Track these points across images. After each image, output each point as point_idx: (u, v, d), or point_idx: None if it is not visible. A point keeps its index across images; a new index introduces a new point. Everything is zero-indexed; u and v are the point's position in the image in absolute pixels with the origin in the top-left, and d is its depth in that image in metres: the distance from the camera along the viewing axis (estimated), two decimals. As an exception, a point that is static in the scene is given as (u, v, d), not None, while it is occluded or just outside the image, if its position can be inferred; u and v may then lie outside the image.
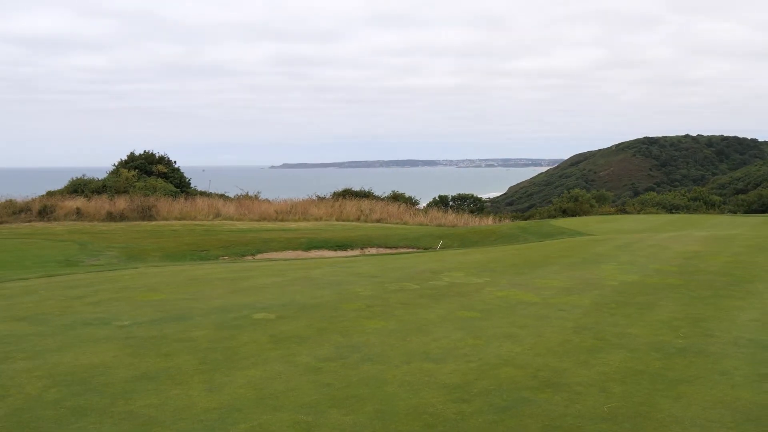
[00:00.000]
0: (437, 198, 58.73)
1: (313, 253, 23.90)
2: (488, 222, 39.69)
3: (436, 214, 43.17)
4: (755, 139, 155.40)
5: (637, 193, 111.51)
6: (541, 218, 41.49)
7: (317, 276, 10.89)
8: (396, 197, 46.31)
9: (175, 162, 40.30)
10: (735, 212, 54.08)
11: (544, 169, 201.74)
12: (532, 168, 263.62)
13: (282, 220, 35.88)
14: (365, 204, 40.04)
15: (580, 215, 46.84)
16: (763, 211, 56.30)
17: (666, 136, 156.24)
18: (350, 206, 39.25)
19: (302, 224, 34.09)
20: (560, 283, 9.91)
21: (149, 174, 37.94)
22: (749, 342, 6.71)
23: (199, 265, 15.50)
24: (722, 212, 51.08)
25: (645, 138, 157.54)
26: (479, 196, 61.24)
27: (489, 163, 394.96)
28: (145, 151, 39.17)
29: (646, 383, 5.50)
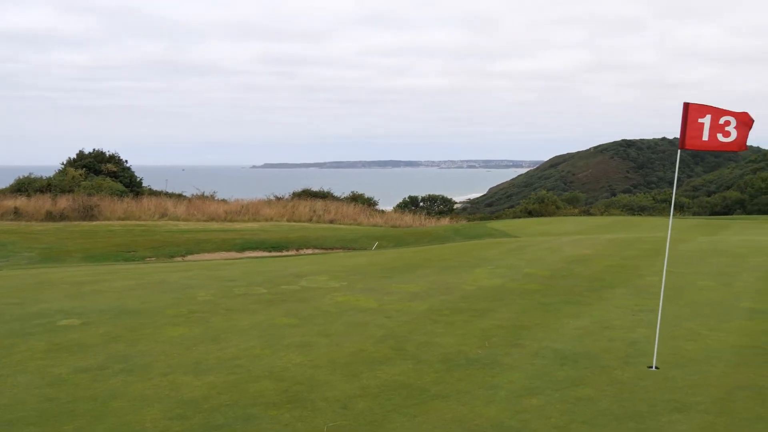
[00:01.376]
0: (407, 199, 58.41)
1: (246, 254, 23.44)
2: (444, 223, 39.38)
3: (393, 215, 42.87)
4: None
5: (614, 195, 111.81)
6: (508, 219, 41.25)
7: (173, 280, 10.48)
8: (355, 198, 45.92)
9: (126, 161, 39.66)
10: (699, 214, 54.24)
11: (525, 170, 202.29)
12: (513, 169, 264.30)
13: (231, 221, 35.34)
14: (319, 205, 39.60)
15: (545, 216, 46.75)
16: (726, 213, 56.48)
17: (643, 139, 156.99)
18: (303, 207, 38.82)
19: (249, 225, 33.58)
20: (415, 288, 9.56)
21: (98, 173, 37.28)
22: (553, 352, 6.39)
23: (93, 267, 15.05)
24: (684, 215, 51.14)
25: (623, 140, 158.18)
26: (450, 197, 60.89)
27: (471, 164, 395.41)
28: (94, 150, 38.53)
29: (398, 398, 5.15)
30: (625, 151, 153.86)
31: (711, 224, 24.56)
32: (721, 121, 5.64)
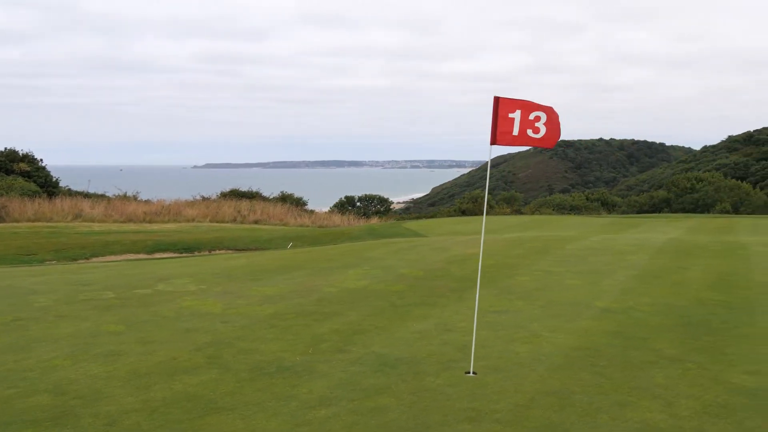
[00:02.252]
0: (344, 199, 57.94)
1: (156, 256, 22.61)
2: (374, 222, 39.10)
3: (322, 215, 42.40)
4: (663, 144, 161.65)
5: (552, 194, 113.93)
6: (442, 218, 41.28)
7: (23, 285, 9.83)
8: (284, 198, 45.26)
9: (41, 160, 38.06)
10: (627, 213, 55.50)
11: (468, 170, 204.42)
12: (456, 169, 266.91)
13: (150, 222, 34.25)
14: (244, 205, 38.84)
15: (478, 215, 46.99)
16: (653, 212, 57.94)
17: (581, 140, 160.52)
18: (227, 207, 37.99)
19: (167, 226, 32.59)
20: (275, 291, 9.18)
21: (9, 172, 35.64)
22: (376, 358, 6.10)
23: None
24: (607, 213, 52.21)
25: (562, 141, 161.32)
26: (387, 197, 60.60)
27: (414, 165, 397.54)
28: (6, 148, 36.82)
29: (178, 412, 4.76)
30: (563, 151, 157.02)
31: (622, 222, 24.95)
32: (531, 116, 5.45)
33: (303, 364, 5.89)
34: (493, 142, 5.60)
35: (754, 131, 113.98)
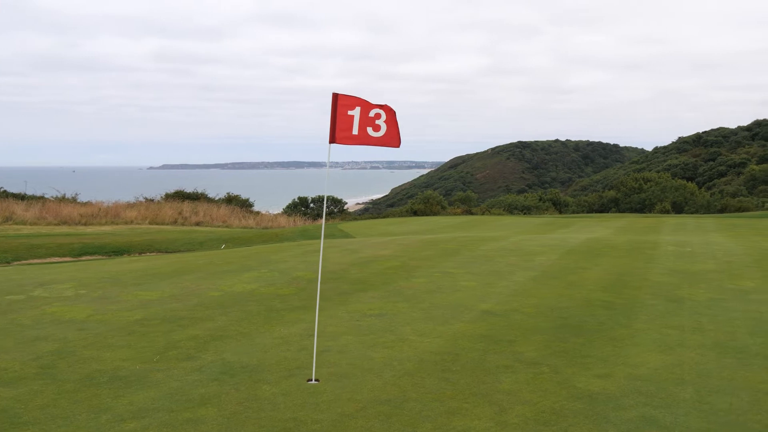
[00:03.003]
0: (297, 200, 57.39)
1: (83, 259, 21.94)
2: (318, 223, 38.71)
3: (267, 216, 41.92)
4: (617, 145, 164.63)
5: (510, 194, 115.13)
6: (394, 218, 41.14)
7: None
8: (230, 200, 44.60)
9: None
10: (577, 212, 56.20)
11: (427, 171, 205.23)
12: (415, 170, 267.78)
13: (85, 224, 33.38)
14: (186, 206, 38.14)
15: (429, 215, 47.06)
16: (602, 211, 58.78)
17: (538, 141, 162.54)
18: (168, 209, 37.25)
19: (103, 228, 31.80)
20: (155, 296, 8.85)
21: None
22: (222, 366, 5.83)
23: None
24: (558, 213, 52.81)
25: (519, 142, 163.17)
26: (340, 198, 60.12)
27: (374, 166, 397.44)
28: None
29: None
30: (520, 152, 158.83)
31: (556, 222, 25.12)
32: (371, 113, 5.25)
33: (139, 374, 5.60)
34: (333, 140, 5.38)
35: (703, 132, 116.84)
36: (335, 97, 5.30)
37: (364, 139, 5.31)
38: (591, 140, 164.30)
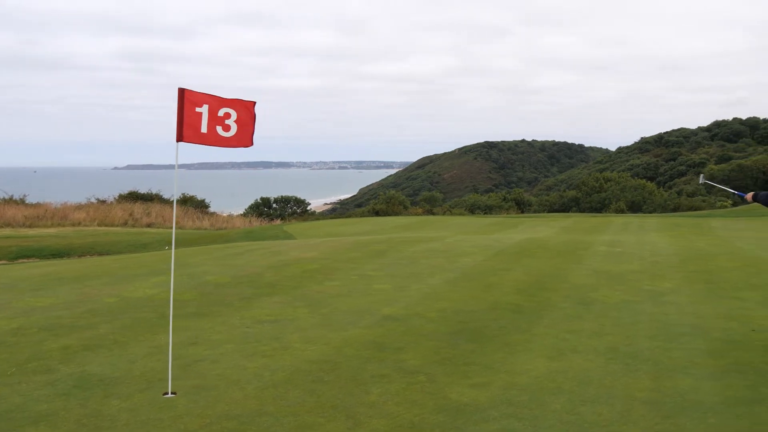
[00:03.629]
0: (259, 200, 56.66)
1: (18, 263, 21.20)
2: (275, 223, 38.25)
3: (222, 217, 41.35)
4: (582, 145, 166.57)
5: (478, 194, 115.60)
6: (352, 218, 40.83)
7: None
8: (185, 200, 43.83)
9: None
10: (538, 212, 56.50)
11: (395, 171, 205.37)
12: (384, 170, 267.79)
13: (30, 226, 32.48)
14: (137, 207, 37.39)
15: (390, 215, 46.88)
16: (563, 211, 59.22)
17: (504, 141, 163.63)
18: (118, 210, 36.47)
19: (48, 230, 30.94)
20: (46, 303, 8.42)
21: None
22: (78, 380, 5.47)
23: None
24: (521, 212, 53.00)
25: (486, 142, 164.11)
26: (302, 198, 59.46)
27: (342, 166, 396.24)
28: None
29: None
30: (487, 152, 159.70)
31: (504, 222, 25.04)
32: (221, 112, 4.93)
33: (-19, 390, 5.19)
34: (180, 138, 5.04)
35: (665, 133, 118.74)
36: (181, 92, 4.95)
37: (213, 139, 4.99)
38: (557, 140, 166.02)
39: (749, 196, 6.69)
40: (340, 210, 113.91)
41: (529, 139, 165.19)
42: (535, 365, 5.90)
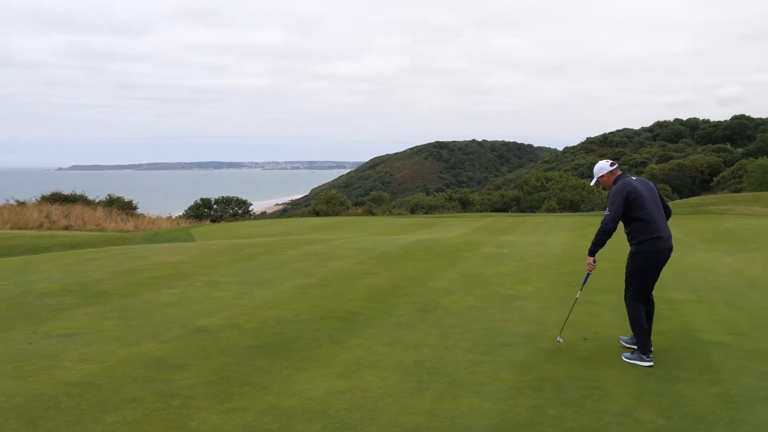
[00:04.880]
0: (199, 201, 55.23)
1: None
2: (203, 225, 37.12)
3: (149, 219, 40.06)
4: (531, 145, 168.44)
5: (428, 194, 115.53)
6: (297, 217, 39.99)
7: None
8: (111, 202, 42.32)
9: None
10: (480, 211, 56.48)
11: (347, 171, 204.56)
12: (336, 170, 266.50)
13: (-67, 229, 30.83)
14: (55, 209, 35.89)
15: (331, 215, 46.28)
16: (504, 210, 59.37)
17: (455, 141, 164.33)
18: (35, 212, 34.94)
19: (-49, 234, 29.32)
20: None
21: None
22: None
23: None
24: (464, 211, 52.85)
25: (437, 142, 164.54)
26: (244, 198, 58.11)
27: (295, 166, 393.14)
28: None
29: None
30: (438, 152, 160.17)
31: (424, 222, 24.61)
32: None
33: None
34: None
35: (609, 133, 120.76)
36: None
37: None
38: (507, 140, 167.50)
39: (589, 260, 6.28)
40: (291, 210, 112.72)
41: (479, 139, 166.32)
42: (317, 385, 5.29)
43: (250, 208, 57.11)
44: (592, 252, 6.20)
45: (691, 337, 6.79)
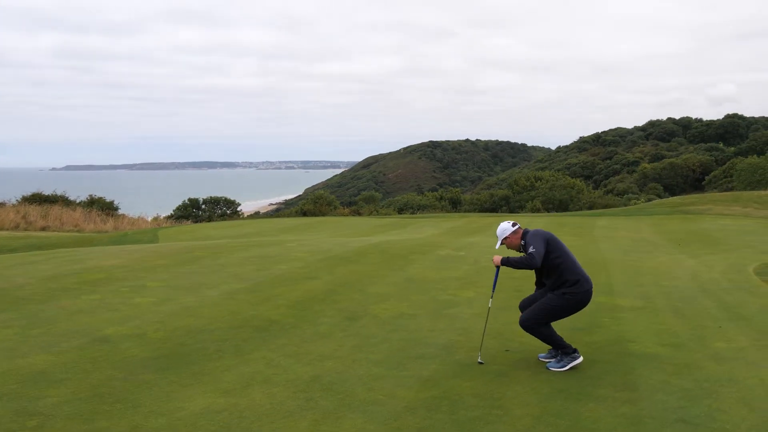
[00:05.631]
0: (187, 202, 54.74)
1: None
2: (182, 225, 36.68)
3: (129, 219, 39.60)
4: (524, 144, 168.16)
5: (421, 194, 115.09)
6: (282, 218, 39.58)
7: None
8: (92, 202, 41.83)
9: None
10: (469, 211, 56.12)
11: (341, 171, 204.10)
12: (330, 170, 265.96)
13: None
14: (32, 210, 35.40)
15: (318, 215, 45.97)
16: (493, 210, 59.01)
17: (449, 140, 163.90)
18: (10, 213, 34.45)
19: None
20: None
21: None
22: None
23: None
24: (455, 211, 52.46)
25: (430, 142, 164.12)
26: (233, 199, 57.66)
27: (289, 165, 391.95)
28: None
29: None
30: (432, 152, 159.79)
31: (396, 223, 24.20)
32: None
33: None
34: None
35: (602, 132, 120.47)
36: None
37: None
38: (500, 140, 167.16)
39: (497, 259, 5.90)
40: (284, 209, 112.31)
41: (473, 138, 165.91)
42: (195, 402, 4.88)
43: (238, 209, 56.66)
44: (504, 263, 5.83)
45: (620, 349, 6.39)
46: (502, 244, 6.04)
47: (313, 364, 5.82)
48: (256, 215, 62.62)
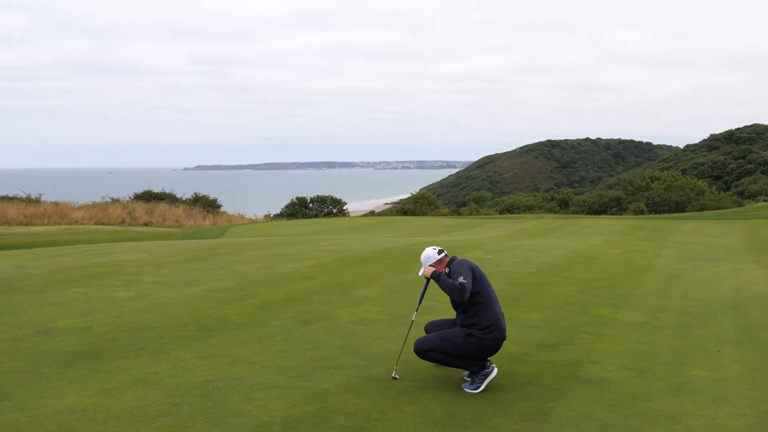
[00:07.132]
0: (295, 200, 56.63)
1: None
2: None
3: (227, 216, 41.22)
4: (650, 143, 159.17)
5: (535, 194, 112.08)
6: (385, 216, 40.11)
7: None
8: (196, 200, 43.96)
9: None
10: (577, 213, 53.98)
11: (456, 171, 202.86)
12: (446, 170, 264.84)
13: (27, 225, 33.20)
14: (138, 207, 37.69)
15: (419, 215, 46.09)
16: (602, 212, 56.35)
17: (567, 139, 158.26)
18: (119, 209, 36.87)
19: (37, 228, 31.46)
20: None
21: None
22: None
23: None
24: (563, 212, 50.55)
25: (548, 141, 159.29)
26: (338, 197, 58.98)
27: (405, 165, 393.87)
28: None
29: None
30: (549, 151, 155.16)
31: (466, 224, 23.46)
32: None
33: None
34: None
35: (736, 129, 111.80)
36: None
37: None
38: (623, 138, 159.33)
39: (428, 271, 5.31)
40: (393, 209, 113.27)
41: (593, 137, 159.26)
42: (62, 401, 4.76)
43: (344, 208, 57.69)
44: (435, 277, 5.25)
45: (570, 372, 5.63)
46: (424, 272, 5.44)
47: (219, 368, 5.55)
48: (371, 214, 63.44)
